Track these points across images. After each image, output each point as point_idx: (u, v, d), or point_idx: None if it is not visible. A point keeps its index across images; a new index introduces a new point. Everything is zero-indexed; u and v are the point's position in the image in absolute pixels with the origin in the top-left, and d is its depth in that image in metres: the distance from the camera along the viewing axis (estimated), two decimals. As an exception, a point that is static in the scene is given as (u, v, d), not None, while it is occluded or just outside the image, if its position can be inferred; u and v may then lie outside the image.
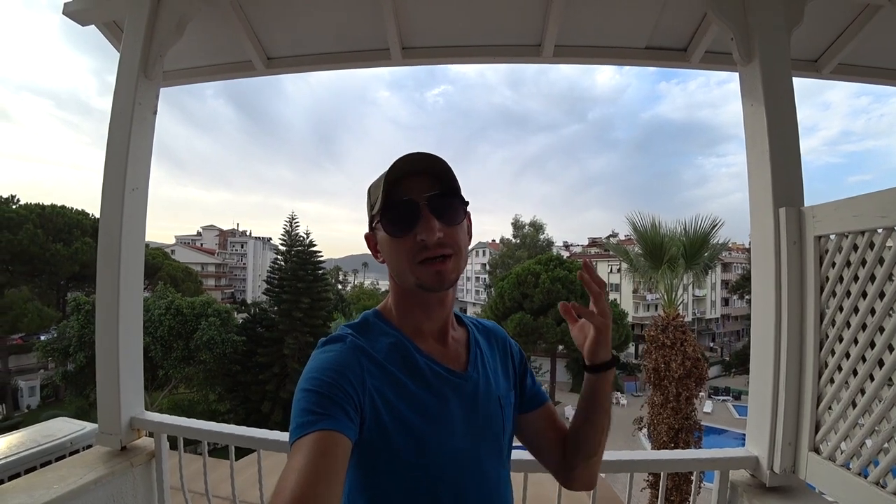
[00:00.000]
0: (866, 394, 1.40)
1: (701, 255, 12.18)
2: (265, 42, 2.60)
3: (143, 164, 2.14)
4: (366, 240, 0.97)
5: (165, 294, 25.28)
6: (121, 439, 1.98)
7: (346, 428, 0.74)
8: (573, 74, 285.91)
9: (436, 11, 2.37)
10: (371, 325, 0.93)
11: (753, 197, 1.82)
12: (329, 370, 0.80)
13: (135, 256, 2.04)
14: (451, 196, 0.88)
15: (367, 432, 0.80)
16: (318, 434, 0.70)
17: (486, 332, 1.08)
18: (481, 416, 0.93)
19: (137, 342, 2.06)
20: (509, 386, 1.04)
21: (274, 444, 1.86)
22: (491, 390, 0.96)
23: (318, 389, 0.76)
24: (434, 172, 0.87)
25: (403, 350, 0.90)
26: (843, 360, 1.49)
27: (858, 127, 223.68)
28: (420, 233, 0.84)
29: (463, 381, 0.93)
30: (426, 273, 0.86)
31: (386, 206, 0.86)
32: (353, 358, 0.83)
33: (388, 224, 0.87)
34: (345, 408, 0.75)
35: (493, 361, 1.03)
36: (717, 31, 2.22)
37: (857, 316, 1.43)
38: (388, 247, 0.89)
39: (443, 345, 0.96)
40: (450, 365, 0.93)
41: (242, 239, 71.96)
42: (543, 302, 31.19)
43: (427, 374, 0.89)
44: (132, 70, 2.10)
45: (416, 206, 0.85)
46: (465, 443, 0.88)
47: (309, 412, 0.73)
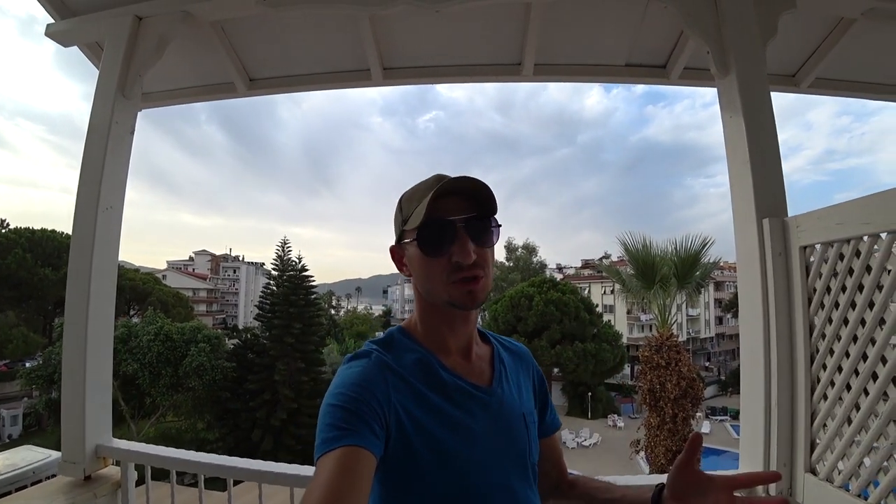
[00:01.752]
0: (861, 409, 1.35)
1: (692, 274, 12.22)
2: (247, 63, 2.60)
3: (119, 183, 2.10)
4: (391, 252, 0.97)
5: (155, 320, 24.92)
6: (84, 468, 1.88)
7: (372, 444, 0.74)
8: (562, 98, 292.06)
9: (415, 32, 2.39)
10: (396, 342, 0.93)
11: (736, 209, 1.80)
12: (355, 386, 0.80)
13: (106, 277, 1.98)
14: (486, 218, 0.89)
15: (393, 448, 0.79)
16: (344, 450, 0.71)
17: (510, 350, 1.08)
18: (506, 432, 0.92)
19: (106, 366, 1.99)
20: (534, 405, 1.04)
21: (244, 473, 1.78)
22: (515, 407, 0.96)
23: (343, 405, 0.77)
24: (475, 195, 0.88)
25: (428, 366, 0.90)
26: (836, 374, 1.44)
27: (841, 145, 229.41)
28: (455, 254, 0.85)
29: (487, 396, 0.93)
30: (459, 292, 0.86)
31: (424, 224, 0.85)
32: (379, 374, 0.83)
33: (424, 242, 0.87)
34: (370, 424, 0.75)
35: (517, 379, 1.02)
36: (694, 47, 2.25)
37: (847, 328, 1.39)
38: (421, 264, 0.89)
39: (467, 360, 0.96)
40: (474, 380, 0.93)
41: (235, 264, 71.42)
42: (537, 324, 31.09)
43: (452, 389, 0.89)
44: (109, 89, 2.08)
45: (454, 228, 0.86)
46: (491, 458, 0.87)
47: (334, 427, 0.74)
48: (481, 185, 0.86)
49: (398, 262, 0.97)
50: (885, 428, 1.28)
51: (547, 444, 1.09)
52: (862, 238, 1.33)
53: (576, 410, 34.06)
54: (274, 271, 28.89)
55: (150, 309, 28.41)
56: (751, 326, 1.71)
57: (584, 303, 33.71)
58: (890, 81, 2.90)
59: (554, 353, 30.54)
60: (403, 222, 0.92)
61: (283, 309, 26.49)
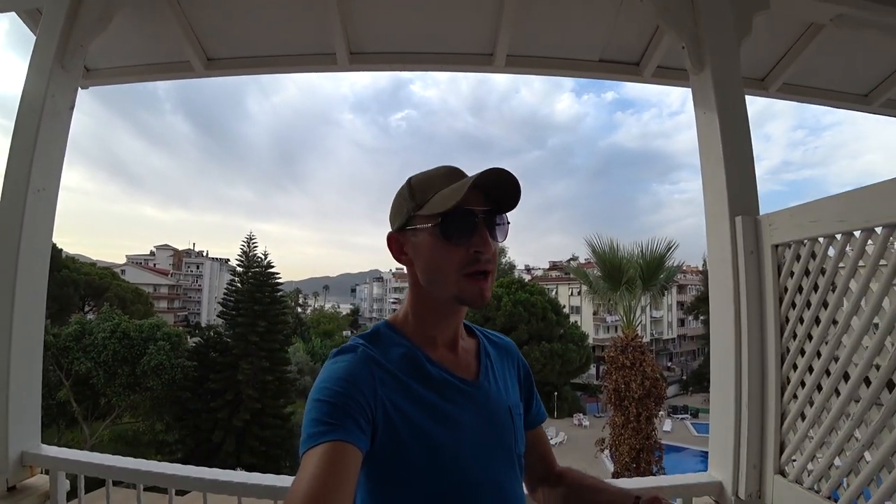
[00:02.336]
0: (832, 411, 1.33)
1: (657, 277, 12.49)
2: (204, 41, 2.44)
3: (54, 163, 1.92)
4: (390, 239, 0.95)
5: (111, 316, 23.84)
6: (7, 478, 1.70)
7: (358, 439, 0.73)
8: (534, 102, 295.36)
9: (385, 17, 2.29)
10: (382, 336, 0.92)
11: (709, 206, 1.77)
12: (341, 380, 0.79)
13: (37, 264, 1.81)
14: (503, 214, 0.90)
15: (381, 442, 0.79)
16: (329, 445, 0.70)
17: (497, 344, 1.08)
18: (493, 425, 0.92)
19: (36, 364, 1.81)
20: (519, 397, 1.05)
21: (186, 482, 1.63)
22: (501, 399, 0.96)
23: (329, 400, 0.76)
24: (505, 189, 0.87)
25: (415, 359, 0.89)
26: (806, 374, 1.42)
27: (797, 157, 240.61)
28: (476, 245, 0.85)
29: (474, 389, 0.93)
30: (471, 287, 0.86)
31: (454, 210, 0.83)
32: (365, 368, 0.83)
33: (449, 230, 0.85)
34: (356, 418, 0.75)
35: (503, 372, 1.03)
36: (668, 46, 2.23)
37: (819, 327, 1.37)
38: (435, 252, 0.87)
39: (454, 354, 0.96)
40: (461, 374, 0.93)
41: (198, 260, 69.27)
42: (505, 325, 31.32)
43: (439, 382, 0.89)
44: (46, 59, 1.91)
45: (476, 219, 0.86)
46: (479, 451, 0.88)
47: (320, 423, 0.73)
48: (517, 182, 0.86)
49: (397, 249, 0.94)
50: (856, 430, 1.26)
51: (533, 435, 1.08)
52: (836, 236, 1.31)
53: (550, 411, 34.45)
54: (239, 267, 28.08)
55: (107, 305, 27.19)
56: (722, 325, 1.68)
57: (552, 304, 34.17)
58: (851, 90, 2.98)
59: (523, 352, 30.81)
60: (416, 207, 0.88)
61: (247, 306, 25.76)
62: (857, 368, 1.24)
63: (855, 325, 1.27)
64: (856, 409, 1.25)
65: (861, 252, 1.24)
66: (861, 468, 1.24)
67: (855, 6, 2.13)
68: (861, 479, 1.23)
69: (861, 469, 1.24)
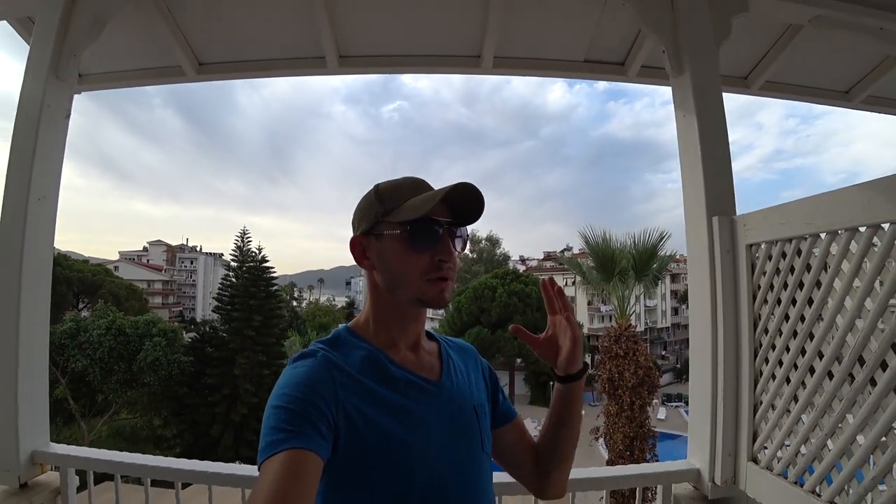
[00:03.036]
0: (799, 401, 1.41)
1: (650, 267, 12.60)
2: (196, 47, 2.48)
3: (53, 171, 1.96)
4: (353, 243, 0.96)
5: (106, 313, 23.75)
6: (19, 476, 1.76)
7: (318, 445, 0.72)
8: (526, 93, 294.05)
9: (373, 20, 2.33)
10: (343, 340, 0.93)
11: (688, 206, 1.84)
12: (300, 385, 0.78)
13: (41, 271, 1.86)
14: (464, 227, 0.94)
15: (344, 448, 0.78)
16: (289, 453, 0.69)
17: (457, 347, 1.10)
18: (459, 425, 0.93)
19: (42, 367, 1.86)
20: (485, 397, 1.05)
21: (192, 475, 1.71)
22: (466, 399, 0.97)
23: (288, 406, 0.75)
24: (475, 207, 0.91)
25: (377, 361, 0.89)
26: (777, 367, 1.50)
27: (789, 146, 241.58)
28: (440, 254, 0.88)
29: (438, 388, 0.93)
30: (433, 290, 0.88)
31: (422, 219, 0.87)
32: (325, 372, 0.82)
33: (416, 237, 0.88)
34: (316, 424, 0.74)
35: (466, 373, 1.03)
36: (652, 46, 2.29)
37: (788, 323, 1.45)
38: (399, 257, 0.89)
39: (416, 355, 0.96)
40: (424, 374, 0.94)
41: (192, 255, 68.91)
42: (501, 316, 31.47)
43: (402, 383, 0.89)
44: (41, 69, 1.94)
45: (441, 229, 0.89)
46: (445, 450, 0.88)
47: (278, 430, 0.72)
48: (482, 199, 0.90)
49: (360, 253, 0.95)
50: (821, 419, 1.34)
51: (512, 430, 1.10)
52: (804, 237, 1.38)
53: (538, 399, 34.74)
54: (233, 262, 28.00)
55: (101, 302, 27.05)
56: (699, 320, 1.76)
57: (547, 294, 34.27)
58: (832, 87, 3.05)
59: (517, 344, 30.97)
60: (384, 213, 0.90)
61: (242, 301, 25.75)
62: (821, 362, 1.33)
63: (820, 323, 1.35)
64: (820, 400, 1.33)
65: (826, 253, 1.32)
66: (825, 455, 1.33)
67: (832, 8, 2.19)
68: (824, 466, 1.32)
69: (825, 456, 1.32)
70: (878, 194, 1.14)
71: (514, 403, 1.19)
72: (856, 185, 1.22)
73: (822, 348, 1.33)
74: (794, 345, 1.42)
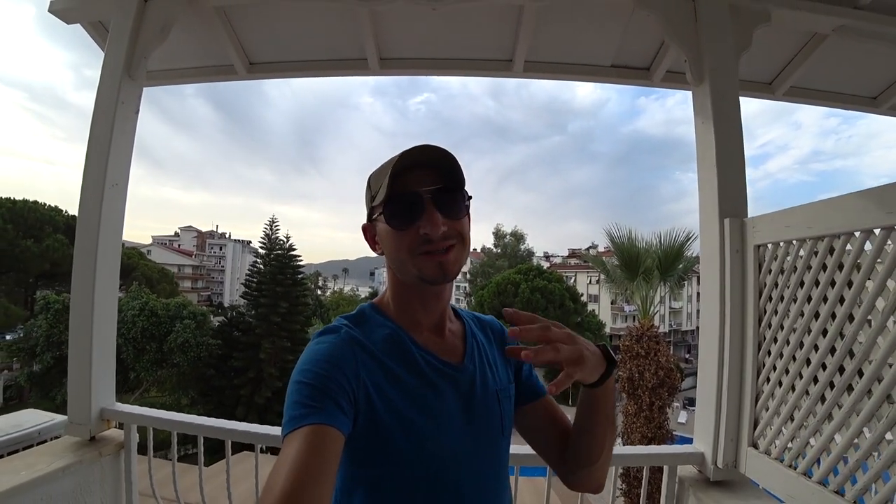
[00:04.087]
0: (796, 391, 1.53)
1: (675, 268, 12.47)
2: (248, 47, 2.68)
3: (124, 161, 2.19)
4: (363, 231, 0.96)
5: (140, 295, 24.74)
6: (90, 429, 2.01)
7: (339, 421, 0.73)
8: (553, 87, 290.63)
9: (412, 26, 2.48)
10: (367, 317, 0.93)
11: (702, 208, 1.95)
12: (322, 362, 0.79)
13: (112, 249, 2.08)
14: (455, 190, 0.86)
15: (362, 425, 0.79)
16: (310, 428, 0.70)
17: (482, 324, 1.07)
18: (478, 410, 0.91)
19: (111, 335, 2.10)
20: (509, 378, 1.02)
21: (243, 435, 1.92)
22: (488, 384, 0.95)
23: (310, 381, 0.76)
24: (439, 166, 0.85)
25: (399, 342, 0.89)
26: (778, 359, 1.62)
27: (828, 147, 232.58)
28: (423, 227, 0.83)
29: (459, 373, 0.92)
30: (428, 265, 0.85)
31: (389, 198, 0.84)
32: (348, 349, 0.83)
33: (391, 216, 0.85)
34: (338, 400, 0.75)
35: (491, 354, 1.01)
36: (676, 53, 2.38)
37: (789, 319, 1.56)
38: (389, 239, 0.88)
39: (440, 337, 0.95)
40: (446, 357, 0.93)
41: (221, 241, 70.76)
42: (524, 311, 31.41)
43: (423, 365, 0.88)
44: (116, 70, 2.16)
45: (420, 200, 0.84)
46: (462, 435, 0.87)
47: (301, 405, 0.73)
48: (443, 155, 0.84)
49: (370, 240, 0.95)
50: (815, 407, 1.46)
51: (539, 409, 1.04)
52: (805, 240, 1.49)
53: (558, 397, 34.47)
54: (261, 250, 28.79)
55: (135, 284, 28.15)
56: (709, 315, 1.88)
57: (570, 292, 34.17)
58: (861, 93, 3.07)
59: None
60: (372, 199, 0.90)
61: (269, 288, 26.48)
62: (816, 354, 1.44)
63: (818, 319, 1.46)
64: (814, 389, 1.45)
65: (825, 255, 1.43)
66: (817, 441, 1.44)
67: (855, 18, 2.25)
68: (816, 450, 1.43)
69: (817, 442, 1.44)
70: (871, 201, 1.25)
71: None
72: (852, 193, 1.32)
73: (818, 342, 1.44)
74: (794, 339, 1.54)
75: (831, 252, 1.40)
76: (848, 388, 1.33)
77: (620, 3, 2.21)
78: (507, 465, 0.99)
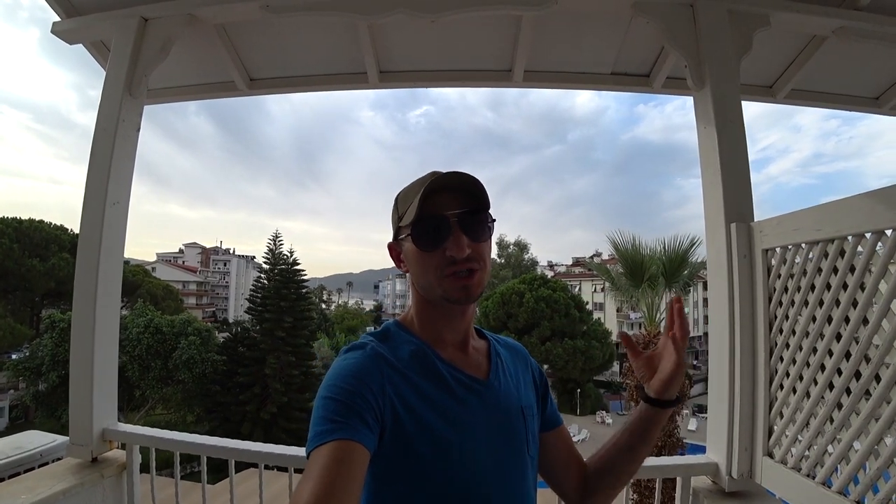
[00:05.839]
0: (811, 397, 1.49)
1: (680, 274, 12.39)
2: (248, 63, 2.70)
3: (125, 179, 2.19)
4: (389, 249, 0.98)
5: (144, 312, 24.78)
6: (92, 450, 1.98)
7: (365, 437, 0.73)
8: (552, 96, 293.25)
9: (411, 38, 2.49)
10: (392, 334, 0.94)
11: (707, 213, 1.93)
12: (349, 378, 0.79)
13: (113, 268, 2.08)
14: (480, 212, 0.89)
15: (389, 441, 0.79)
16: (336, 444, 0.70)
17: (507, 346, 1.09)
18: (504, 426, 0.92)
19: (113, 354, 2.08)
20: (534, 401, 1.03)
21: (246, 454, 1.88)
22: (512, 400, 0.96)
23: (337, 397, 0.76)
24: (466, 189, 0.88)
25: (425, 357, 0.90)
26: (791, 366, 1.58)
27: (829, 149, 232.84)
28: (449, 248, 0.85)
29: (485, 388, 0.93)
30: (453, 287, 0.87)
31: (418, 219, 0.86)
32: (374, 365, 0.83)
33: (418, 237, 0.87)
34: (364, 417, 0.75)
35: (515, 373, 1.02)
36: (676, 59, 2.38)
37: (801, 324, 1.53)
38: (416, 259, 0.90)
39: (464, 353, 0.96)
40: (472, 372, 0.93)
41: (225, 257, 71.00)
42: (528, 321, 31.32)
43: (449, 380, 0.89)
44: (117, 89, 2.17)
45: (447, 222, 0.86)
46: (489, 451, 0.87)
47: (327, 420, 0.73)
48: (471, 181, 0.87)
49: (395, 258, 0.97)
50: (832, 413, 1.42)
51: (556, 436, 1.08)
52: (815, 242, 1.47)
53: (565, 407, 34.33)
54: (265, 265, 28.85)
55: (140, 301, 28.21)
56: (718, 321, 1.84)
57: (575, 300, 34.01)
58: (862, 94, 3.06)
59: (544, 350, 30.79)
60: (399, 219, 0.93)
61: (274, 303, 26.47)
62: (831, 360, 1.41)
63: (831, 323, 1.43)
64: (831, 395, 1.41)
65: (835, 258, 1.40)
66: (835, 448, 1.40)
67: (854, 19, 2.24)
68: (834, 458, 1.39)
69: (835, 449, 1.40)
70: (880, 202, 1.22)
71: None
72: (862, 194, 1.30)
73: (833, 347, 1.41)
74: (807, 344, 1.50)
75: (842, 255, 1.37)
76: (865, 394, 1.30)
77: (619, 11, 2.20)
78: (535, 483, 0.98)
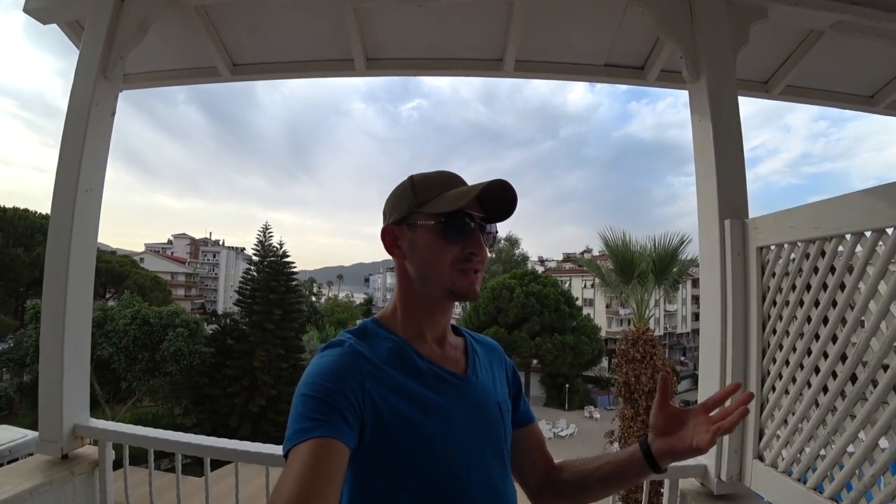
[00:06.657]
0: (804, 400, 1.45)
1: (670, 271, 12.47)
2: (231, 48, 2.60)
3: (99, 165, 2.10)
4: (385, 231, 0.97)
5: (132, 303, 24.50)
6: (62, 447, 1.90)
7: (345, 435, 0.74)
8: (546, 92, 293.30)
9: (399, 25, 2.41)
10: (370, 332, 0.94)
11: (701, 209, 1.88)
12: (328, 375, 0.80)
13: (85, 258, 1.99)
14: (495, 223, 0.96)
15: (370, 437, 0.79)
16: (316, 441, 0.70)
17: (482, 343, 1.11)
18: (483, 419, 0.94)
19: (85, 348, 2.00)
20: (507, 396, 1.06)
21: (221, 452, 1.82)
22: (490, 395, 0.98)
23: (316, 395, 0.76)
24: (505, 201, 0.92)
25: (403, 354, 0.91)
26: (784, 367, 1.54)
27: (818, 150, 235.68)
28: (471, 247, 0.90)
29: (463, 383, 0.94)
30: (464, 281, 0.90)
31: (457, 212, 0.89)
32: (352, 362, 0.83)
33: (449, 229, 0.90)
34: (344, 414, 0.75)
35: (490, 369, 1.04)
36: (671, 51, 2.32)
37: (796, 324, 1.49)
38: (431, 248, 0.91)
39: (442, 349, 0.98)
40: (450, 367, 0.95)
41: (215, 248, 70.37)
42: (518, 316, 31.44)
43: (428, 376, 0.90)
44: (91, 70, 2.07)
45: (474, 223, 0.91)
46: (469, 443, 0.89)
47: (307, 418, 0.73)
48: (515, 198, 0.92)
49: (391, 242, 0.96)
50: (825, 417, 1.38)
51: (528, 433, 1.10)
52: (812, 241, 1.42)
53: (553, 402, 34.60)
54: (255, 257, 28.61)
55: (127, 292, 27.88)
56: (710, 321, 1.80)
57: (565, 296, 34.18)
58: (856, 92, 3.03)
59: (533, 345, 30.96)
60: (418, 205, 0.92)
61: (263, 295, 26.27)
62: (826, 362, 1.37)
63: (826, 324, 1.38)
64: (824, 399, 1.37)
65: (833, 256, 1.36)
66: (828, 453, 1.37)
67: (853, 13, 2.20)
68: (827, 463, 1.36)
69: (828, 454, 1.36)
70: (881, 199, 1.18)
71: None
72: (861, 191, 1.26)
73: (828, 349, 1.37)
74: (801, 345, 1.46)
75: (840, 254, 1.33)
76: (861, 398, 1.26)
77: (613, 0, 2.14)
78: (510, 473, 1.00)
